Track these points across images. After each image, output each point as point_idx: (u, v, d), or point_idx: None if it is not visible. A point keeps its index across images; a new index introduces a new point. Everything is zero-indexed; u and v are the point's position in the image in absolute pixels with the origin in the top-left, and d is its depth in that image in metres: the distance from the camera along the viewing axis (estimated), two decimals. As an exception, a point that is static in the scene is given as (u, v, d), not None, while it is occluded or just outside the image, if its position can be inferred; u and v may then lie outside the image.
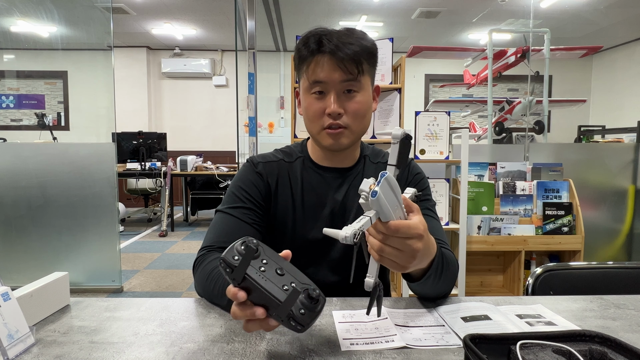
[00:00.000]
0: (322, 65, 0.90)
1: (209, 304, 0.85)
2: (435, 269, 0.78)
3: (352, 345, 0.68)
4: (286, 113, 7.49)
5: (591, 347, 0.57)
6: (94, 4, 3.38)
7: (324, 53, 0.89)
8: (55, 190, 3.15)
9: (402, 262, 0.65)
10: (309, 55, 0.91)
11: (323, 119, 0.93)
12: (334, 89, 0.91)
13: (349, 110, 0.92)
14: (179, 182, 6.49)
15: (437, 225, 0.97)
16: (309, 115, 0.95)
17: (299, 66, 0.95)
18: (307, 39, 0.92)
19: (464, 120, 7.77)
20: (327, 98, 0.92)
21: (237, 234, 0.92)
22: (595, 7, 5.34)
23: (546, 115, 4.85)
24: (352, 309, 0.82)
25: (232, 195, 0.99)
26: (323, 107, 0.92)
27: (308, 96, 0.94)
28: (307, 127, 0.98)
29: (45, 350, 0.66)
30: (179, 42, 7.20)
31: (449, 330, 0.72)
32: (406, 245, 0.64)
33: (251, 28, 3.08)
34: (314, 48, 0.90)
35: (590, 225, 2.77)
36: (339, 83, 0.90)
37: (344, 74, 0.90)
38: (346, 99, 0.92)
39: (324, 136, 0.94)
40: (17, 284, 0.79)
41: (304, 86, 0.95)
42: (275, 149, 1.08)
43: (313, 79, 0.91)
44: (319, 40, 0.90)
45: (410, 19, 5.86)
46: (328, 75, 0.90)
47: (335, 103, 0.91)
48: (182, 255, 4.35)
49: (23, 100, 6.83)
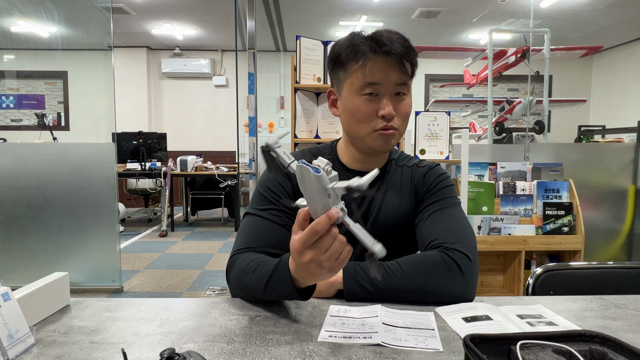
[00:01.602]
0: (379, 66, 0.88)
1: (208, 303, 0.85)
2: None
3: (329, 337, 0.69)
4: (286, 113, 7.49)
5: (591, 347, 0.57)
6: (94, 4, 3.38)
7: (379, 53, 0.88)
8: (55, 190, 3.15)
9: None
10: (362, 55, 0.89)
11: (375, 121, 0.91)
12: (388, 91, 0.90)
13: (399, 112, 0.92)
14: (179, 182, 6.49)
15: (445, 221, 0.95)
16: (359, 117, 0.92)
17: (344, 66, 0.92)
18: (354, 39, 0.90)
19: (464, 120, 7.77)
20: (380, 100, 0.91)
21: (268, 236, 0.92)
22: (595, 7, 5.34)
23: (546, 115, 4.86)
24: (350, 305, 0.82)
25: (261, 196, 0.98)
26: (375, 109, 0.91)
27: (357, 97, 0.91)
28: (352, 128, 0.95)
29: (46, 351, 0.66)
30: (179, 42, 7.20)
31: (434, 335, 0.71)
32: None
33: (251, 28, 3.09)
34: (368, 47, 0.88)
35: (590, 225, 2.77)
36: (394, 85, 0.90)
37: (401, 76, 0.89)
38: (397, 101, 0.92)
39: (375, 138, 0.93)
40: (17, 284, 0.79)
41: (354, 87, 0.91)
42: (303, 149, 1.08)
43: (369, 80, 0.89)
44: (372, 39, 0.88)
45: (410, 19, 5.86)
46: (385, 76, 0.89)
47: (390, 105, 0.90)
48: (182, 256, 4.35)
49: (23, 101, 6.83)
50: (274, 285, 0.76)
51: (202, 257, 4.29)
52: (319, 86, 2.44)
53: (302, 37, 2.36)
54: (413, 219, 1.02)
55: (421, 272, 0.85)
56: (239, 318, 0.78)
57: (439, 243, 0.90)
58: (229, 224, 6.00)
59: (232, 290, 0.91)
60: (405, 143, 2.45)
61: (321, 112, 2.48)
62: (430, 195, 1.00)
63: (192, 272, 3.80)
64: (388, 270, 0.85)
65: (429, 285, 0.85)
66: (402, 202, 1.02)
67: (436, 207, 0.97)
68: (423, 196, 1.01)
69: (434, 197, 1.00)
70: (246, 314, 0.80)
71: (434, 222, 0.95)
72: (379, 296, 0.84)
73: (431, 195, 1.00)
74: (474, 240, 0.93)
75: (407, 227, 1.02)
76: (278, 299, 0.83)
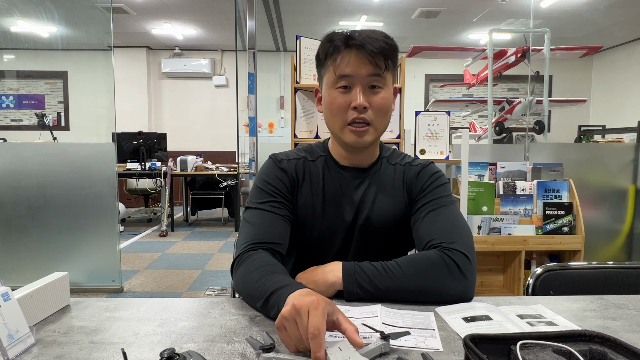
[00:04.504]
0: (349, 59, 0.91)
1: (208, 303, 0.85)
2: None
3: (329, 337, 0.69)
4: (286, 113, 7.49)
5: (591, 347, 0.57)
6: (94, 4, 3.38)
7: (351, 47, 0.90)
8: (55, 190, 3.15)
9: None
10: (335, 50, 0.92)
11: (347, 113, 0.93)
12: (360, 83, 0.92)
13: (373, 105, 0.93)
14: (179, 182, 6.49)
15: (441, 221, 0.94)
16: (333, 109, 0.94)
17: (322, 63, 0.96)
18: (331, 36, 0.93)
19: (464, 120, 7.77)
20: (352, 92, 0.92)
21: (272, 227, 0.93)
22: (595, 7, 5.34)
23: (546, 115, 4.86)
24: (350, 305, 0.82)
25: (259, 190, 0.99)
26: (348, 101, 0.92)
27: (332, 91, 0.94)
28: (329, 123, 0.98)
29: (45, 351, 0.66)
30: (179, 42, 7.20)
31: (434, 335, 0.71)
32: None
33: (251, 28, 3.09)
34: (341, 43, 0.91)
35: (590, 225, 2.77)
36: (365, 77, 0.91)
37: (372, 68, 0.91)
38: (371, 93, 0.93)
39: (347, 133, 0.94)
40: (17, 284, 0.79)
41: (329, 81, 0.95)
42: (297, 147, 1.09)
43: (339, 72, 0.91)
44: (346, 36, 0.91)
45: (410, 18, 5.86)
46: (355, 69, 0.90)
47: (361, 95, 0.91)
48: (182, 256, 4.35)
49: (23, 100, 6.83)
50: (271, 307, 0.76)
51: (202, 257, 4.29)
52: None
53: (302, 37, 2.36)
54: (406, 218, 1.01)
55: (421, 272, 0.85)
56: (239, 318, 0.78)
57: (437, 243, 0.90)
58: (229, 224, 6.00)
59: (237, 287, 0.90)
60: (405, 143, 2.44)
61: (321, 112, 2.48)
62: (425, 195, 1.00)
63: (192, 272, 3.80)
64: (387, 271, 0.85)
65: (429, 285, 0.85)
66: (395, 201, 1.02)
67: (431, 207, 0.97)
68: (417, 195, 1.01)
69: (428, 196, 0.99)
70: (246, 314, 0.80)
71: (430, 222, 0.95)
72: (378, 296, 0.84)
73: (426, 194, 1.00)
74: (471, 239, 0.93)
75: (400, 227, 1.02)
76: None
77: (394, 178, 1.03)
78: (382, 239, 1.02)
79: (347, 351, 0.60)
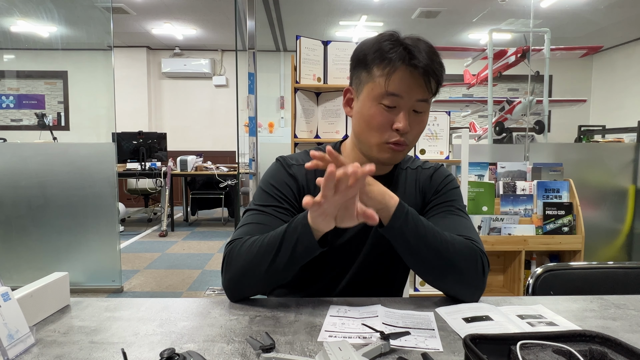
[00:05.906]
0: (403, 78, 0.85)
1: (208, 303, 0.85)
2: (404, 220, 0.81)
3: (329, 337, 0.69)
4: (286, 113, 7.49)
5: (591, 347, 0.57)
6: (94, 4, 3.38)
7: (409, 65, 0.84)
8: (55, 190, 3.15)
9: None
10: (391, 63, 0.84)
11: (388, 133, 0.88)
12: (407, 106, 0.87)
13: (414, 129, 0.90)
14: (179, 182, 6.48)
15: (462, 223, 0.94)
16: (373, 125, 0.89)
17: (368, 69, 0.88)
18: (386, 45, 0.86)
19: (464, 120, 7.77)
20: (397, 113, 0.87)
21: (270, 227, 0.88)
22: (595, 7, 5.34)
23: (546, 115, 4.85)
24: (350, 306, 0.82)
25: (264, 193, 0.94)
26: (391, 121, 0.87)
27: (374, 105, 0.88)
28: (362, 134, 0.92)
29: (45, 351, 0.66)
30: (179, 42, 7.20)
31: (434, 335, 0.71)
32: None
33: (251, 28, 3.08)
34: (399, 57, 0.84)
35: (590, 225, 2.77)
36: (414, 101, 0.87)
37: (422, 93, 0.87)
38: (414, 116, 0.89)
39: (384, 149, 0.90)
40: (17, 284, 0.79)
41: (373, 93, 0.87)
42: (306, 150, 1.02)
43: (391, 90, 0.85)
44: (408, 50, 0.84)
45: (410, 19, 5.86)
46: (407, 90, 0.85)
47: (406, 120, 0.87)
48: (182, 255, 4.35)
49: (23, 100, 6.83)
50: (289, 237, 0.77)
51: (202, 257, 4.29)
52: (319, 86, 2.44)
53: (302, 37, 2.36)
54: None
55: (458, 249, 0.85)
56: (239, 318, 0.78)
57: (466, 238, 0.89)
58: (229, 224, 6.00)
59: (235, 275, 0.84)
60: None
61: (321, 112, 2.48)
62: (440, 196, 0.99)
63: (192, 272, 3.80)
64: (434, 228, 0.84)
65: (458, 264, 0.84)
66: (408, 204, 1.01)
67: (446, 208, 0.97)
68: (432, 197, 1.00)
69: (443, 197, 0.99)
70: (246, 314, 0.80)
71: (450, 222, 0.94)
72: (413, 238, 0.82)
73: (440, 195, 0.99)
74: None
75: None
76: (290, 259, 0.79)
77: (406, 182, 1.02)
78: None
79: (347, 351, 0.60)
